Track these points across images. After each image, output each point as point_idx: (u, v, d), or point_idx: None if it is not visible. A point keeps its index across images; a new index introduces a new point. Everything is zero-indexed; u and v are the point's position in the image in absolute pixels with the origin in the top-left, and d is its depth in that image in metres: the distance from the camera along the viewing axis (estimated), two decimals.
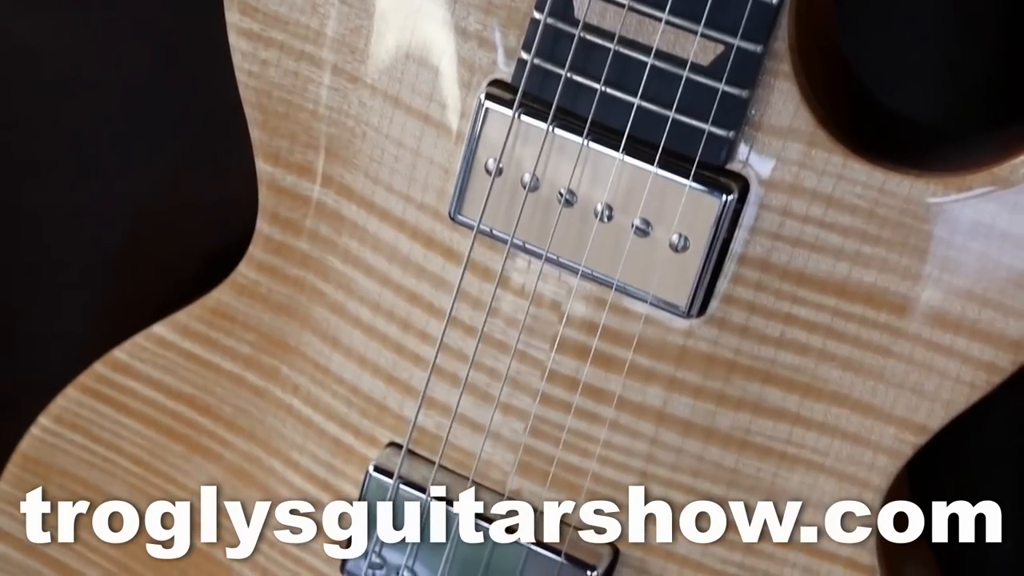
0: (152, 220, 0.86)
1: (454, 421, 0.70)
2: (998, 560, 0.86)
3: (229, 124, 0.73)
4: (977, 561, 0.85)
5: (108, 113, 0.85)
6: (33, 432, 0.79)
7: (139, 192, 0.86)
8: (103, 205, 0.86)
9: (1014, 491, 0.87)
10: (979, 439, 0.87)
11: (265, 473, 0.75)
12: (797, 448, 0.67)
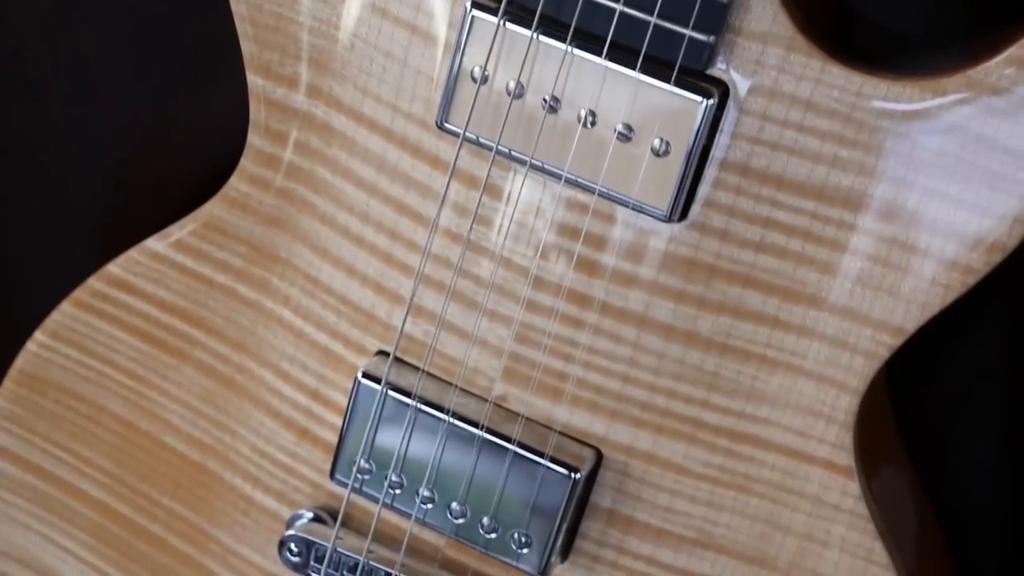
0: (147, 141, 0.87)
1: (440, 328, 0.70)
2: (977, 466, 0.87)
3: (222, 41, 0.74)
4: (956, 469, 0.86)
5: (103, 34, 0.86)
6: (29, 348, 0.79)
7: (134, 113, 0.87)
8: (98, 127, 0.87)
9: (996, 409, 0.88)
10: (962, 358, 0.88)
11: (256, 384, 0.75)
12: (776, 351, 0.67)
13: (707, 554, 0.71)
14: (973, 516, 0.88)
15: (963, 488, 0.88)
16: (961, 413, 0.89)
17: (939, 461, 0.85)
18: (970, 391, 0.89)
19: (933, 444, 0.85)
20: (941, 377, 0.88)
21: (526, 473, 0.70)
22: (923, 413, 0.86)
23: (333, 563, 0.73)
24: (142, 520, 0.80)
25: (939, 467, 0.85)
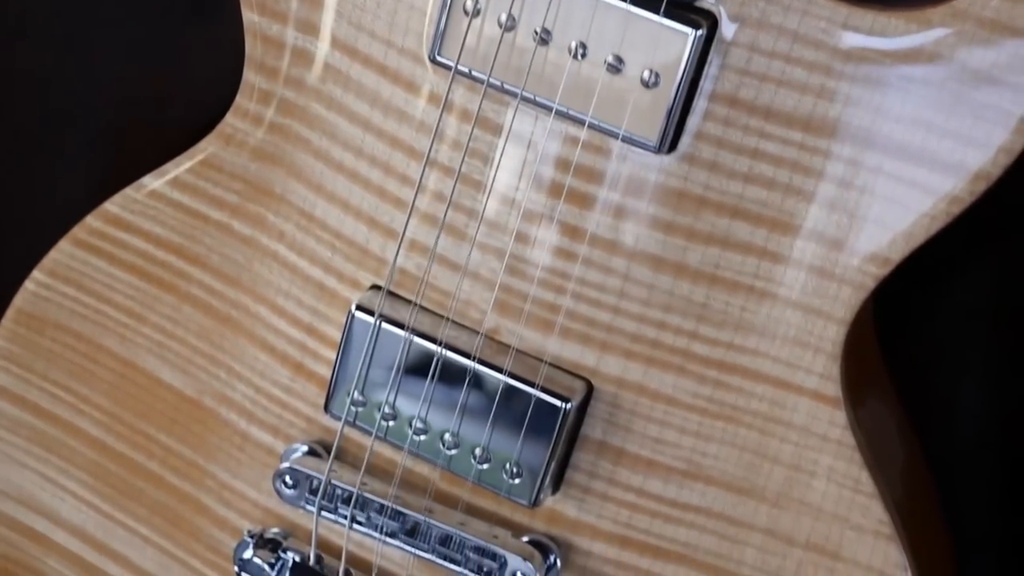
0: (146, 81, 0.87)
1: (432, 261, 0.71)
2: (965, 408, 0.88)
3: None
4: (944, 410, 0.87)
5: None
6: (27, 286, 0.80)
7: (133, 53, 0.87)
8: (97, 67, 0.87)
9: (986, 348, 0.89)
10: (950, 301, 0.89)
11: (252, 320, 0.76)
12: (764, 282, 0.68)
13: (696, 485, 0.71)
14: (960, 457, 0.88)
15: (951, 429, 0.88)
16: (949, 355, 0.90)
17: (927, 403, 0.86)
18: (958, 333, 0.90)
19: (921, 386, 0.86)
20: (930, 320, 0.89)
21: (517, 404, 0.71)
22: (912, 355, 0.87)
23: (327, 495, 0.74)
24: (139, 457, 0.80)
25: (927, 408, 0.85)
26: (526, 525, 0.73)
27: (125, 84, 0.88)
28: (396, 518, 0.73)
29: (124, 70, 0.88)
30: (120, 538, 0.82)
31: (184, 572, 0.81)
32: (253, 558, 0.77)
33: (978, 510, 0.88)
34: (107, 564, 0.83)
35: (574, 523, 0.73)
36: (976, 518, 0.88)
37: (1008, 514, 0.87)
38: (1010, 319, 0.89)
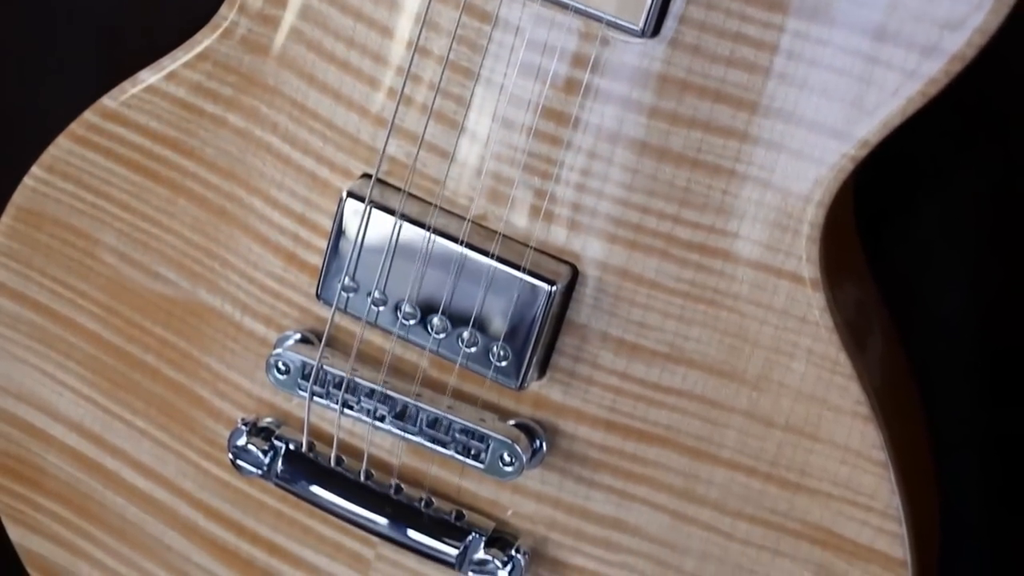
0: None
1: (421, 148, 0.72)
2: (949, 315, 0.89)
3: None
4: (928, 318, 0.88)
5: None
6: (26, 183, 0.81)
7: None
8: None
9: (967, 258, 0.90)
10: (934, 207, 0.90)
11: (245, 211, 0.77)
12: (745, 165, 0.69)
13: (678, 368, 0.72)
14: (944, 363, 0.89)
15: (934, 336, 0.89)
16: (934, 264, 0.91)
17: (910, 305, 0.87)
18: (942, 241, 0.91)
19: (904, 288, 0.87)
20: (915, 227, 0.90)
21: (504, 287, 0.72)
22: (894, 258, 0.88)
23: (319, 380, 0.75)
24: (135, 350, 0.81)
25: (910, 310, 0.86)
26: (513, 409, 0.74)
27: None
28: (386, 402, 0.74)
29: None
30: (117, 431, 0.83)
31: (180, 463, 0.82)
32: (247, 445, 0.78)
33: (960, 409, 0.89)
34: (104, 458, 0.84)
35: (560, 407, 0.74)
36: (958, 418, 0.89)
37: (990, 409, 0.88)
38: (994, 220, 0.90)
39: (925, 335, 0.87)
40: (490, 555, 0.76)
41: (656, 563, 0.75)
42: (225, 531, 0.82)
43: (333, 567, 0.80)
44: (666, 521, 0.74)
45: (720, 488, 0.73)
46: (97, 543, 0.86)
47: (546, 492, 0.76)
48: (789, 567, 0.73)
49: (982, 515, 0.87)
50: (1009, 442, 0.87)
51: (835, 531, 0.73)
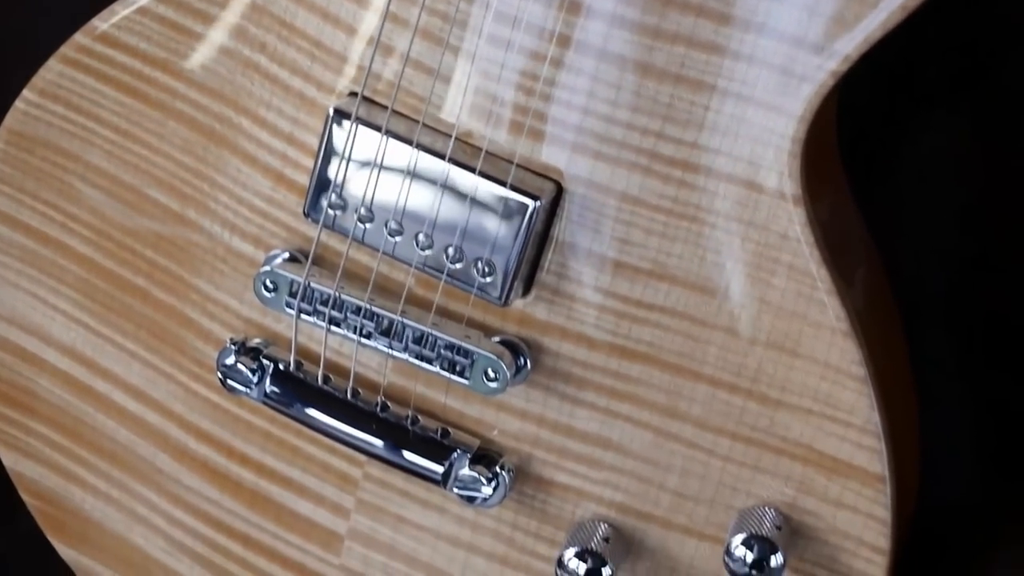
0: None
1: (407, 65, 0.72)
2: (935, 251, 0.89)
3: None
4: (915, 255, 0.88)
5: None
6: (17, 106, 0.81)
7: None
8: None
9: (950, 197, 0.90)
10: (916, 145, 0.90)
11: (234, 132, 0.77)
12: (728, 80, 0.69)
13: (661, 285, 0.73)
14: (929, 301, 0.89)
15: (922, 275, 0.89)
16: (919, 199, 0.91)
17: (899, 248, 0.87)
18: (925, 177, 0.91)
19: (893, 232, 0.87)
20: (899, 163, 0.90)
21: (488, 203, 0.72)
22: (880, 200, 0.88)
23: (306, 298, 0.75)
24: (126, 273, 0.81)
25: (898, 253, 0.86)
26: (498, 327, 0.75)
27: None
28: (372, 319, 0.75)
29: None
30: (108, 355, 0.83)
31: (170, 386, 0.82)
32: (236, 364, 0.78)
33: (945, 359, 0.89)
34: (96, 381, 0.84)
35: (544, 325, 0.74)
36: (944, 365, 0.89)
37: (978, 355, 0.88)
38: (979, 164, 0.90)
39: (909, 274, 0.87)
40: (475, 472, 0.76)
41: (639, 480, 0.75)
42: (215, 453, 0.82)
43: (321, 487, 0.81)
44: (649, 438, 0.75)
45: (702, 405, 0.74)
46: (89, 467, 0.86)
47: (531, 410, 0.76)
48: (769, 483, 0.74)
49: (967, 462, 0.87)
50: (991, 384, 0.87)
51: (815, 447, 0.73)
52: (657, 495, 0.75)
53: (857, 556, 0.74)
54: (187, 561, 0.86)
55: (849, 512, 0.73)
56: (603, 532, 0.76)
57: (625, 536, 0.76)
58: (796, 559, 0.74)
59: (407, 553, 0.80)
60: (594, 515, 0.76)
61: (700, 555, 0.76)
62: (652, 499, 0.76)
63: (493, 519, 0.78)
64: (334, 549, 0.82)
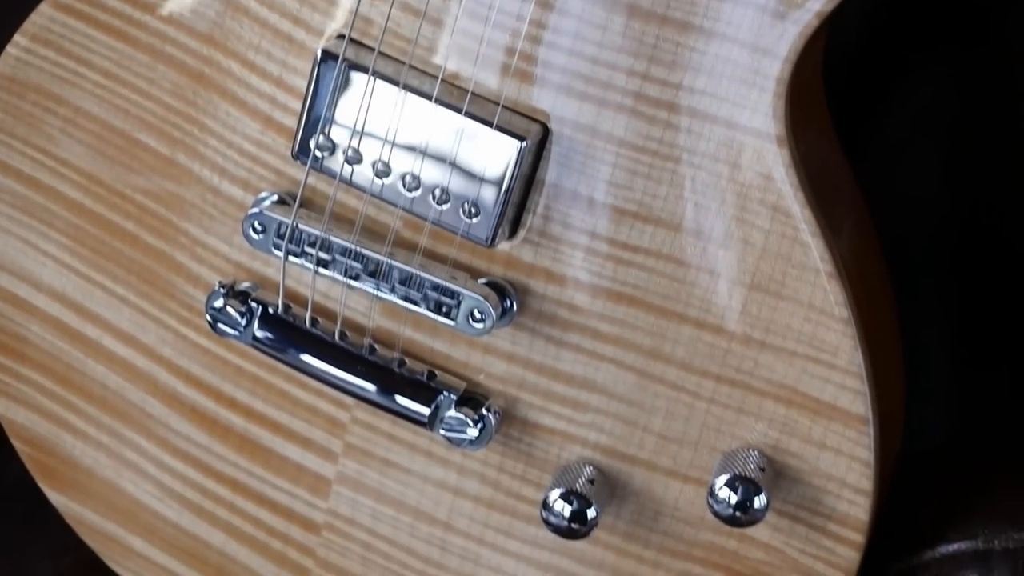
0: None
1: (394, 6, 0.72)
2: (921, 208, 0.89)
3: None
4: (900, 213, 0.88)
5: None
6: (9, 51, 0.81)
7: None
8: None
9: (937, 159, 0.90)
10: (904, 106, 0.90)
11: (223, 75, 0.77)
12: (713, 21, 0.69)
13: (646, 227, 0.73)
14: (915, 255, 0.90)
15: (906, 230, 0.90)
16: (904, 160, 0.91)
17: (886, 199, 0.87)
18: (912, 138, 0.91)
19: (880, 182, 0.87)
20: (885, 123, 0.90)
21: (475, 144, 0.72)
22: (868, 159, 0.88)
23: (294, 240, 0.75)
24: (116, 218, 0.81)
25: (885, 204, 0.86)
26: (484, 269, 0.75)
27: None
28: (359, 260, 0.75)
29: None
30: (99, 300, 0.83)
31: (160, 330, 0.82)
32: (225, 307, 0.78)
33: (931, 307, 0.89)
34: (86, 327, 0.84)
35: (530, 267, 0.74)
36: (930, 313, 0.89)
37: (960, 300, 0.89)
38: (963, 123, 0.90)
39: (897, 226, 0.87)
40: (461, 414, 0.76)
41: (623, 422, 0.76)
42: (203, 397, 0.83)
43: (309, 431, 0.81)
44: (634, 380, 0.75)
45: (687, 347, 0.74)
46: (79, 413, 0.86)
47: (517, 353, 0.76)
48: (753, 425, 0.74)
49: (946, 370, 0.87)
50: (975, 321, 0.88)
51: (799, 389, 0.73)
52: (642, 437, 0.76)
53: (840, 498, 0.74)
54: (176, 507, 0.86)
55: (832, 454, 0.73)
56: (588, 474, 0.76)
57: (610, 479, 0.77)
58: (780, 501, 0.75)
59: (394, 497, 0.81)
60: (579, 458, 0.77)
61: (684, 498, 0.76)
62: (637, 442, 0.76)
63: (479, 462, 0.78)
64: (322, 493, 0.82)
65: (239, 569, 0.86)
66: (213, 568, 0.87)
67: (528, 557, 0.79)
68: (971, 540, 0.75)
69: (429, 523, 0.80)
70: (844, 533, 0.75)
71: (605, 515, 0.77)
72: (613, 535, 0.78)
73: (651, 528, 0.77)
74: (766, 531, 0.75)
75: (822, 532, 0.75)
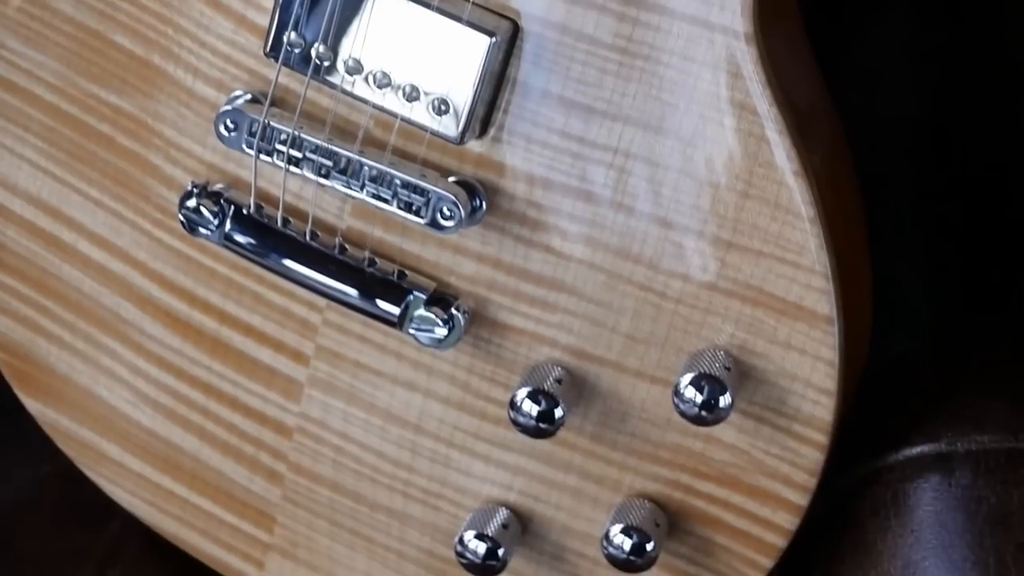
0: None
1: None
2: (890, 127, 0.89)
3: None
4: (874, 139, 0.88)
5: None
6: None
7: None
8: None
9: (910, 81, 0.90)
10: (878, 29, 0.90)
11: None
12: None
13: (615, 125, 0.72)
14: (888, 169, 0.89)
15: (879, 146, 0.89)
16: (880, 89, 0.91)
17: (858, 123, 0.87)
18: (882, 69, 0.91)
19: (854, 98, 0.87)
20: (858, 49, 0.90)
21: (445, 40, 0.71)
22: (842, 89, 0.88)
23: (265, 138, 0.75)
24: (91, 120, 0.81)
25: (856, 128, 0.86)
26: (454, 168, 0.75)
27: None
28: (330, 158, 0.74)
29: None
30: (74, 203, 0.83)
31: (134, 233, 0.82)
32: (197, 207, 0.78)
33: (902, 238, 0.89)
34: (61, 231, 0.84)
35: (500, 166, 0.74)
36: (900, 226, 0.89)
37: (931, 215, 0.88)
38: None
39: (870, 143, 0.87)
40: (431, 314, 0.76)
41: (592, 323, 0.75)
42: (177, 300, 0.82)
43: (281, 334, 0.81)
44: (602, 280, 0.75)
45: (654, 247, 0.74)
46: (55, 319, 0.86)
47: (486, 253, 0.76)
48: (719, 325, 0.74)
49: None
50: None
51: (764, 289, 0.73)
52: (610, 338, 0.76)
53: (805, 398, 0.74)
54: (150, 412, 0.86)
55: (797, 354, 0.73)
56: (556, 375, 0.76)
57: (578, 380, 0.76)
58: (745, 402, 0.75)
59: (365, 400, 0.81)
60: (548, 359, 0.76)
61: (651, 399, 0.76)
62: (605, 342, 0.76)
63: (449, 364, 0.78)
64: (294, 397, 0.82)
65: (213, 475, 0.86)
66: (187, 474, 0.87)
67: (497, 459, 0.79)
68: (935, 443, 0.75)
69: (400, 426, 0.80)
70: (809, 434, 0.74)
71: (573, 416, 0.77)
72: (580, 437, 0.78)
73: (618, 430, 0.77)
74: (732, 432, 0.75)
75: (787, 433, 0.75)
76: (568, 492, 0.79)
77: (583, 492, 0.79)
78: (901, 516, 0.74)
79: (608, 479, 0.78)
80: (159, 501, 0.88)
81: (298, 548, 0.86)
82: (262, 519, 0.86)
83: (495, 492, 0.80)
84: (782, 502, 0.76)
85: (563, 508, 0.79)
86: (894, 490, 0.75)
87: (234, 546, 0.88)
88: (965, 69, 0.91)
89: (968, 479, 0.73)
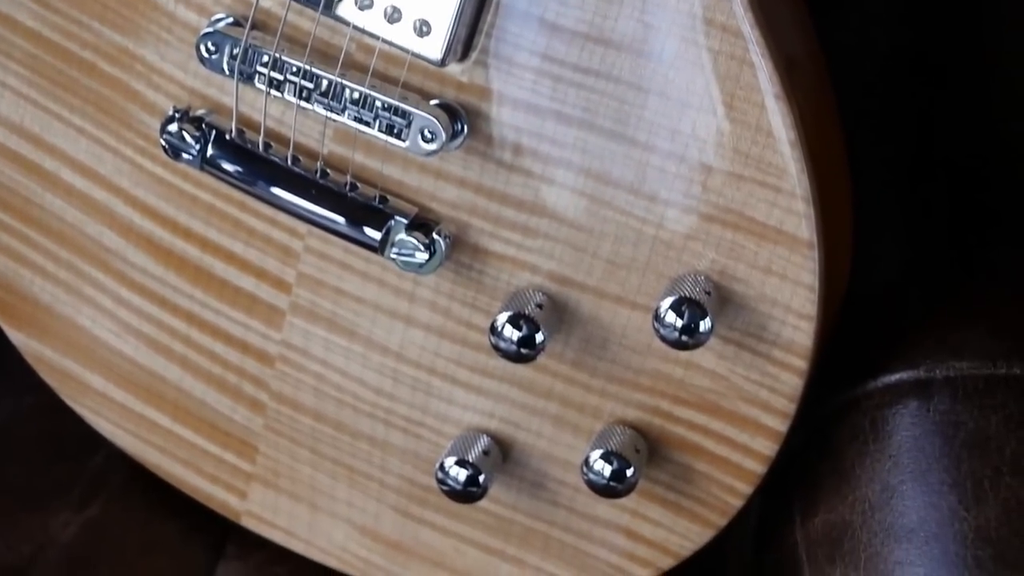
0: None
1: None
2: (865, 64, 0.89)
3: None
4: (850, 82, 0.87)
5: None
6: None
7: None
8: None
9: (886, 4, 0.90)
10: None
11: None
12: None
13: (596, 48, 0.71)
14: (868, 99, 0.89)
15: (858, 73, 0.89)
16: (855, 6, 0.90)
17: (840, 44, 0.86)
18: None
19: (835, 26, 0.86)
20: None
21: None
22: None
23: (246, 60, 0.74)
24: (73, 46, 0.80)
25: (839, 49, 0.85)
26: (436, 91, 0.74)
27: None
28: (311, 80, 0.74)
29: None
30: (56, 131, 0.82)
31: (116, 161, 0.81)
32: (179, 131, 0.77)
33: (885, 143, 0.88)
34: (44, 159, 0.83)
35: (482, 90, 0.73)
36: (882, 155, 0.88)
37: (912, 142, 0.88)
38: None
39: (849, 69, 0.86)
40: (412, 238, 0.75)
41: (573, 248, 0.75)
42: (159, 228, 0.82)
43: (263, 260, 0.80)
44: (583, 205, 0.74)
45: (635, 171, 0.73)
46: (38, 248, 0.85)
47: (468, 177, 0.75)
48: (699, 250, 0.73)
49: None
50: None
51: (745, 213, 0.72)
52: (591, 263, 0.75)
53: (785, 324, 0.73)
54: (133, 342, 0.85)
55: (777, 279, 0.73)
56: (537, 300, 0.75)
57: (559, 306, 0.76)
58: (725, 328, 0.74)
59: (347, 327, 0.80)
60: (529, 284, 0.76)
61: (632, 325, 0.75)
62: (586, 268, 0.75)
63: (430, 290, 0.78)
64: (276, 324, 0.81)
65: (195, 404, 0.85)
66: (170, 404, 0.86)
67: (478, 386, 0.79)
68: (913, 370, 0.75)
69: (381, 353, 0.80)
70: (788, 359, 0.74)
71: (554, 343, 0.76)
72: (561, 363, 0.77)
73: (599, 356, 0.77)
74: (711, 358, 0.75)
75: (766, 359, 0.74)
76: (549, 419, 0.79)
77: (564, 419, 0.78)
78: (879, 441, 0.74)
79: (588, 406, 0.78)
80: (142, 432, 0.88)
81: (280, 477, 0.86)
82: (244, 449, 0.86)
83: (476, 419, 0.80)
84: (761, 428, 0.75)
85: (544, 435, 0.79)
86: (872, 416, 0.75)
87: (217, 476, 0.87)
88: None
89: (946, 404, 0.73)
